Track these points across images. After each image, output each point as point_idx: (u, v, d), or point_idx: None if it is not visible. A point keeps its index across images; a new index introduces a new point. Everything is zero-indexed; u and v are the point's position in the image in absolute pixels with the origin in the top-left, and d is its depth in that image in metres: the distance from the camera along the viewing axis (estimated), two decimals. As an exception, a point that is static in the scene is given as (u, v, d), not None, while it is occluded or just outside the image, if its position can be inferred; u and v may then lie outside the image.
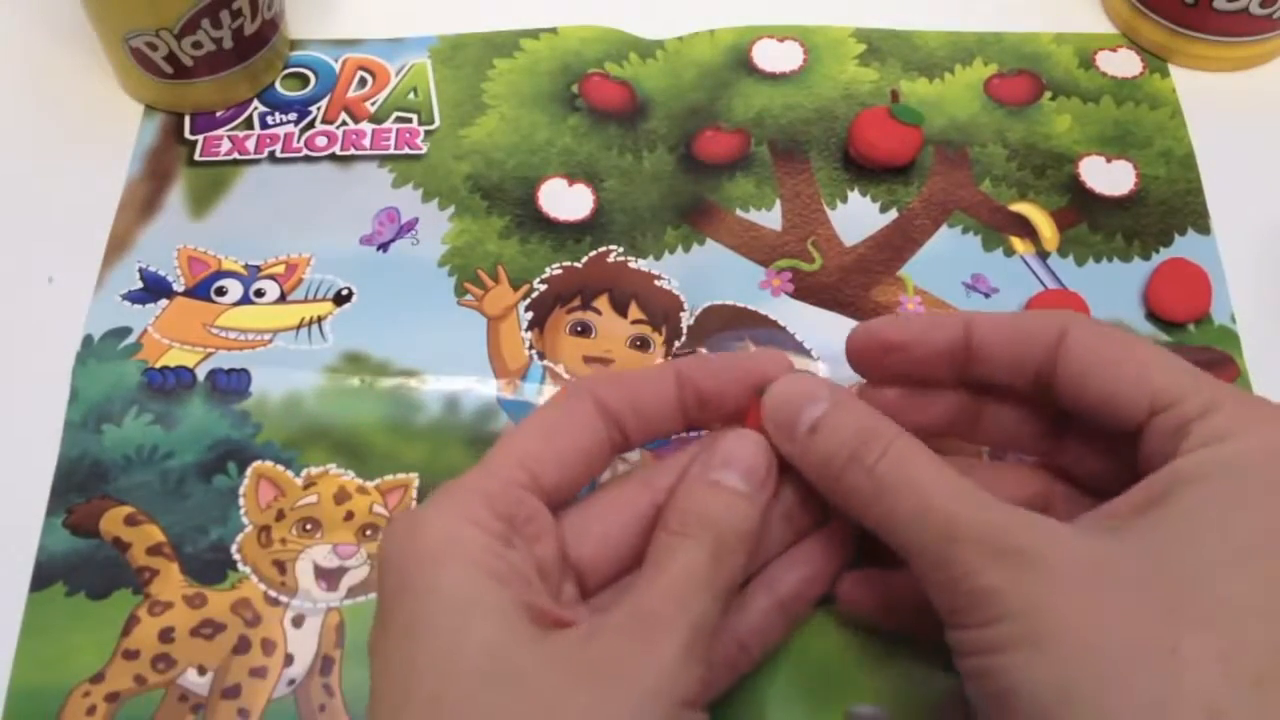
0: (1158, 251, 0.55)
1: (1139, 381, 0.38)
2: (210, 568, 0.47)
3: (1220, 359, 0.52)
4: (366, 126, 0.58)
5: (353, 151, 0.58)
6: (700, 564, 0.37)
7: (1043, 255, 0.55)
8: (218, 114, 0.59)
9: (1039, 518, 0.36)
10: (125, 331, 0.52)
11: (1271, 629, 0.33)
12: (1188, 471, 0.36)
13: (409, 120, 0.59)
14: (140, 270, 0.54)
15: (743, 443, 0.40)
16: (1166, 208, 0.56)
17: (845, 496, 0.39)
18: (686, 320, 0.53)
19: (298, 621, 0.46)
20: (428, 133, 0.58)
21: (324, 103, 0.59)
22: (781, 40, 0.61)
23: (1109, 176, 0.57)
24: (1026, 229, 0.56)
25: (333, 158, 0.58)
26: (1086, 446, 0.42)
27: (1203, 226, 0.55)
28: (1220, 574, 0.33)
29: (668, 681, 0.34)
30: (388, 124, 0.59)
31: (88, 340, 0.52)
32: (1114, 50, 0.61)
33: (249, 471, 0.49)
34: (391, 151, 0.58)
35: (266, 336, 0.52)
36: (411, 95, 0.59)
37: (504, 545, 0.36)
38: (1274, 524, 0.34)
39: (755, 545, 0.40)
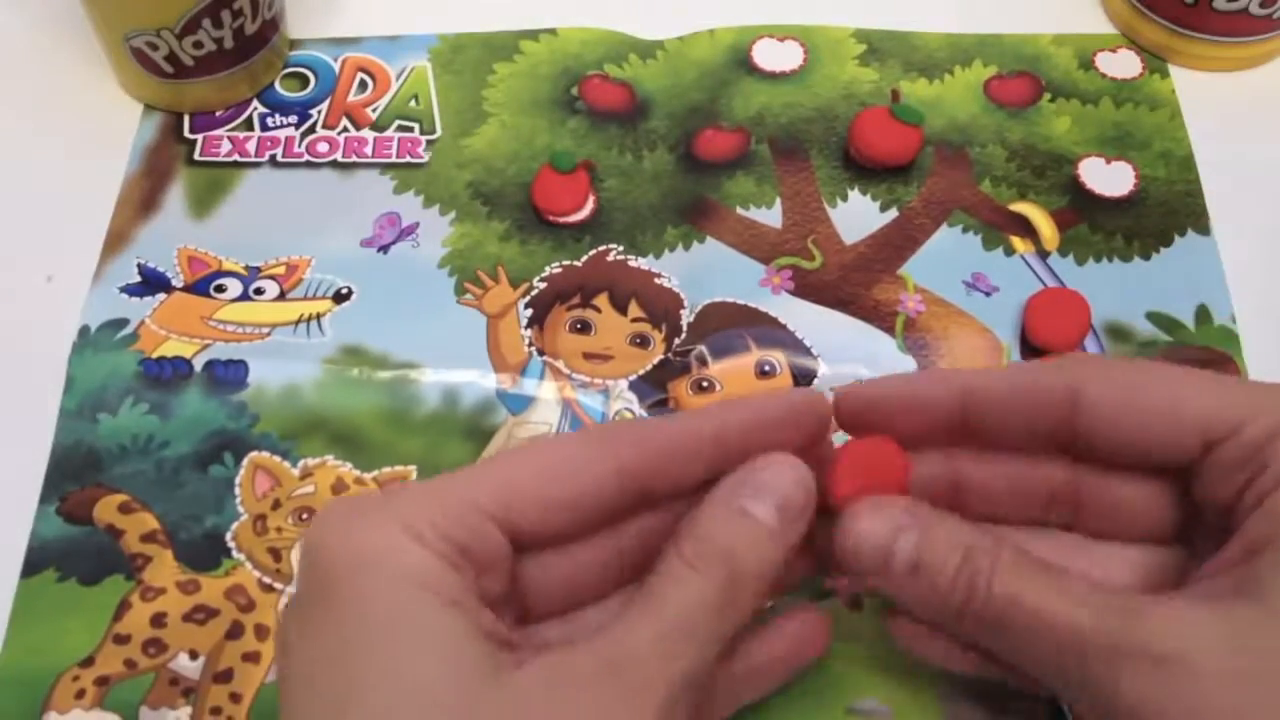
0: (1158, 251, 0.55)
1: (1181, 421, 0.35)
2: (204, 554, 0.47)
3: (1220, 359, 0.52)
4: (368, 134, 0.58)
5: (354, 159, 0.58)
6: (707, 604, 0.34)
7: (1043, 254, 0.55)
8: (217, 113, 0.59)
9: (1162, 607, 0.33)
10: (122, 323, 0.52)
11: None
12: None
13: (411, 129, 0.59)
14: (139, 265, 0.54)
15: (782, 471, 0.36)
16: (1166, 208, 0.56)
17: (957, 627, 0.37)
18: (686, 318, 0.53)
19: (292, 608, 0.45)
20: (429, 142, 0.58)
21: (324, 106, 0.59)
22: (781, 40, 0.61)
23: (1108, 177, 0.57)
24: (1027, 228, 0.55)
25: (334, 164, 0.58)
26: (1109, 492, 0.39)
27: (1202, 227, 0.55)
28: None
29: None
30: (389, 132, 0.59)
31: (84, 331, 0.52)
32: (1114, 51, 0.61)
33: (245, 462, 0.49)
34: (393, 160, 0.58)
35: (265, 330, 0.52)
36: (413, 103, 0.59)
37: (448, 568, 0.33)
38: None
39: (768, 592, 0.37)
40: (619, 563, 0.38)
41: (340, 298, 0.53)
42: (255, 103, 0.59)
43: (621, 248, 0.54)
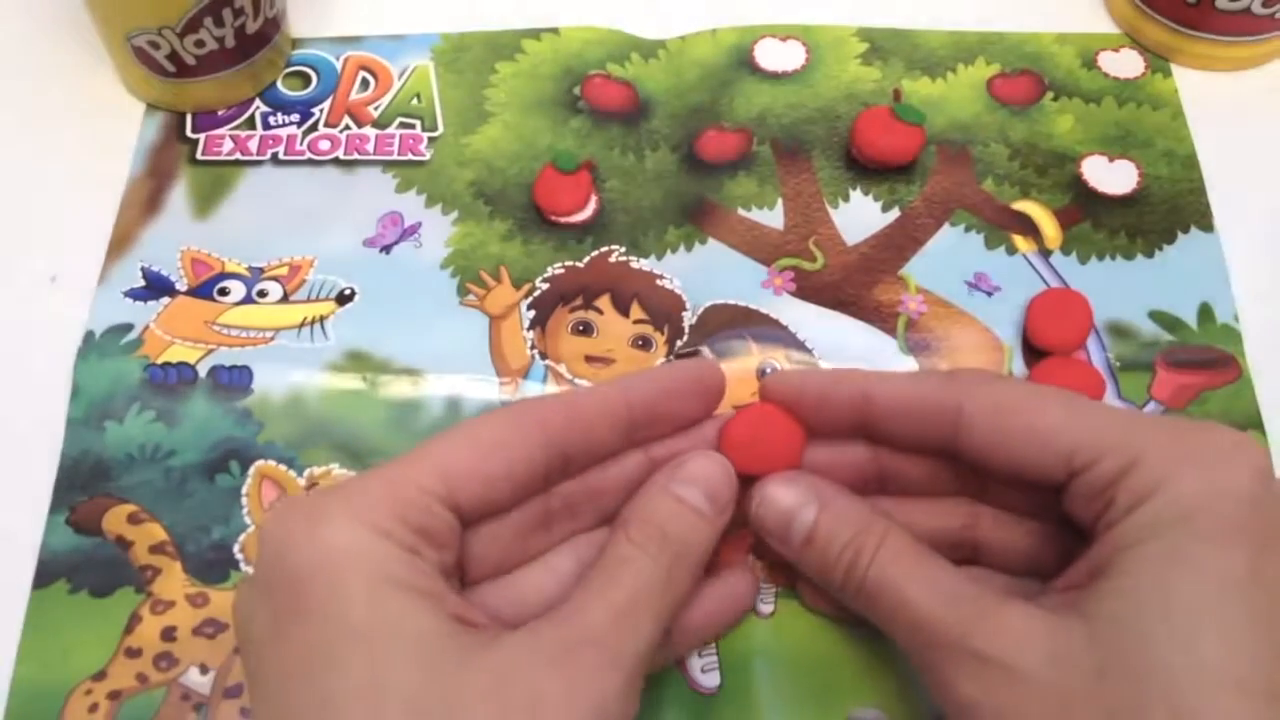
0: (1161, 249, 0.55)
1: (1047, 449, 0.38)
2: (213, 567, 0.47)
3: (1223, 358, 0.52)
4: (370, 131, 0.58)
5: (356, 157, 0.58)
6: (654, 583, 0.37)
7: (1045, 253, 0.55)
8: (219, 113, 0.59)
9: (1004, 612, 0.36)
10: (127, 328, 0.52)
11: (1219, 708, 0.32)
12: (1122, 539, 0.35)
13: (412, 126, 0.59)
14: (143, 269, 0.54)
15: (710, 464, 0.40)
16: (1169, 205, 0.56)
17: (842, 598, 0.41)
18: (688, 319, 0.53)
19: (300, 621, 0.46)
20: (431, 140, 0.58)
21: (326, 104, 0.59)
22: (784, 39, 0.61)
23: (1111, 175, 0.57)
24: (1029, 227, 0.55)
25: (336, 162, 0.58)
26: (1009, 490, 0.41)
27: (1206, 224, 0.55)
28: (1169, 655, 0.33)
29: (608, 714, 0.34)
30: (391, 130, 0.59)
31: (89, 336, 0.52)
32: (1116, 50, 0.61)
33: (252, 471, 0.49)
34: (395, 157, 0.58)
35: (269, 334, 0.52)
36: (415, 101, 0.59)
37: (413, 556, 0.35)
38: (1215, 581, 0.34)
39: (700, 574, 0.40)
40: (546, 525, 0.41)
41: (343, 299, 0.53)
42: (257, 101, 0.59)
43: (623, 249, 0.54)
